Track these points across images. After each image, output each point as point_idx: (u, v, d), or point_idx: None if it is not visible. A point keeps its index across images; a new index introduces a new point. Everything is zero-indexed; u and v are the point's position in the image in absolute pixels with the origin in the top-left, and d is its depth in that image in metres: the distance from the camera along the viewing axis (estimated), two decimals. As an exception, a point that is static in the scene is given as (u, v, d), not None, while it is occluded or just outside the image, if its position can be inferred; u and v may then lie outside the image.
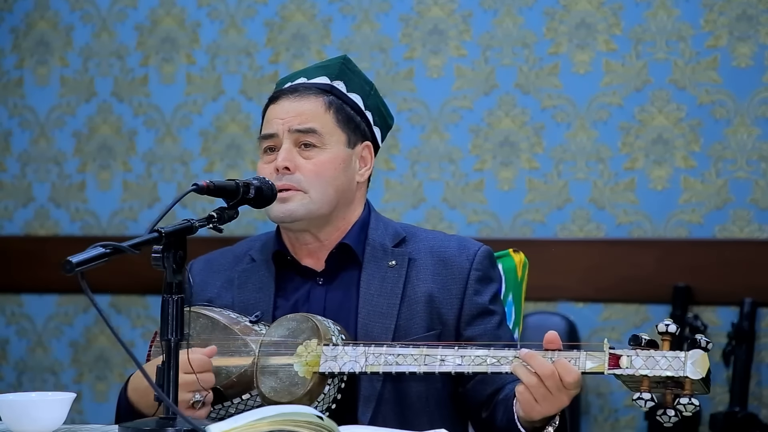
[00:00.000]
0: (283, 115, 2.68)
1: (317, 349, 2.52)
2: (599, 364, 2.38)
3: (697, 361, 2.34)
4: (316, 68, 2.78)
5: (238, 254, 2.80)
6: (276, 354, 2.55)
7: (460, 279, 2.69)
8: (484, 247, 2.74)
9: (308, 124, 2.67)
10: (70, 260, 2.19)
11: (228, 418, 2.27)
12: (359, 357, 2.50)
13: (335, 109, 2.70)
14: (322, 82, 2.72)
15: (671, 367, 2.33)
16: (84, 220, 5.04)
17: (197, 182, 2.43)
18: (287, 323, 2.57)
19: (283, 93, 2.72)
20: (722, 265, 4.39)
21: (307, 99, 2.69)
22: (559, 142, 4.55)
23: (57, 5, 5.06)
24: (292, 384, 2.51)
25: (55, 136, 5.07)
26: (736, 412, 4.26)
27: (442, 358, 2.45)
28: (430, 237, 2.75)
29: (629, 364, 2.35)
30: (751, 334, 4.32)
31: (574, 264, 4.51)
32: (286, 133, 2.66)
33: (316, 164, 2.66)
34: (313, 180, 2.65)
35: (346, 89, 2.73)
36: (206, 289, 2.76)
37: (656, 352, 2.35)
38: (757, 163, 4.39)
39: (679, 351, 2.35)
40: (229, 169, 4.85)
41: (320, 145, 2.67)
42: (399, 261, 2.69)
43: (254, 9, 4.85)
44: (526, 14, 4.58)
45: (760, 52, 4.38)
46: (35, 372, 5.10)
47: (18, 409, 2.41)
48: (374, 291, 2.66)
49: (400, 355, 2.48)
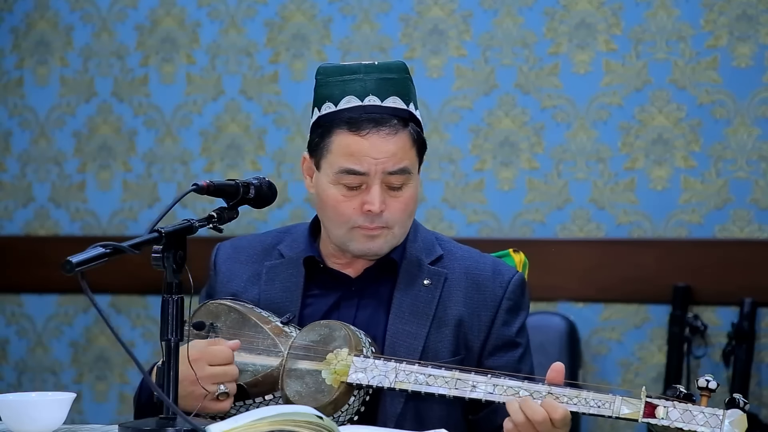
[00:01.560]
0: (376, 155, 2.58)
1: (347, 359, 2.49)
2: (634, 411, 2.35)
3: (736, 421, 2.30)
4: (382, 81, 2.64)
5: (267, 246, 2.76)
6: (305, 358, 2.53)
7: (491, 306, 2.67)
8: (518, 275, 2.72)
9: (401, 165, 2.61)
10: (70, 260, 2.19)
11: (228, 419, 2.27)
12: (389, 372, 2.47)
13: (417, 141, 2.65)
14: (400, 107, 2.63)
15: (708, 423, 2.30)
16: (84, 220, 5.04)
17: (197, 182, 2.43)
18: (320, 329, 2.55)
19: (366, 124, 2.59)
20: (722, 265, 4.39)
21: (397, 136, 2.60)
22: (559, 142, 4.55)
23: (57, 5, 5.06)
24: (318, 391, 2.49)
25: (55, 136, 5.07)
26: (736, 412, 4.26)
27: (474, 384, 2.44)
28: (466, 257, 2.72)
29: (665, 415, 2.32)
30: (751, 334, 4.32)
31: (574, 264, 4.51)
32: (378, 174, 2.59)
33: (403, 202, 2.63)
34: (400, 218, 2.63)
35: (414, 108, 2.68)
36: (232, 280, 2.73)
37: (694, 407, 2.31)
38: (757, 163, 4.39)
39: (718, 408, 2.31)
40: (229, 169, 4.85)
41: (407, 182, 2.64)
42: (434, 281, 2.66)
43: (254, 9, 4.85)
44: (526, 14, 4.58)
45: (760, 52, 4.39)
46: (35, 372, 5.10)
47: (18, 409, 2.41)
48: (406, 309, 2.64)
49: (431, 376, 2.46)
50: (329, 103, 2.64)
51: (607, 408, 2.36)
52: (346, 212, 2.60)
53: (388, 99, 2.63)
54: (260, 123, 4.84)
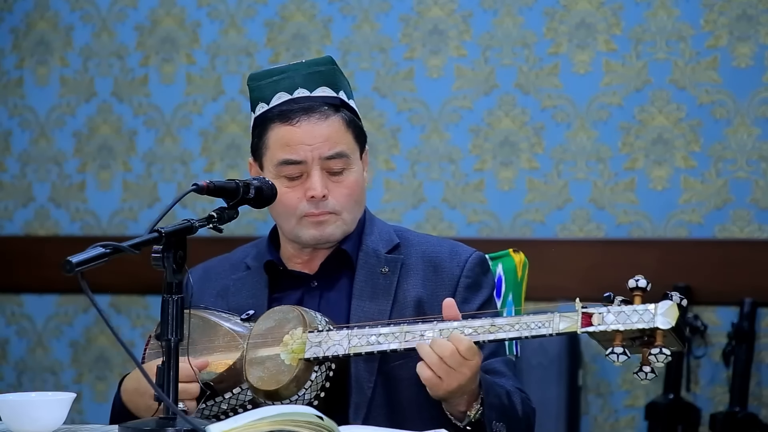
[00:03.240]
0: (310, 141, 2.63)
1: (303, 337, 2.53)
2: (572, 324, 2.39)
3: (667, 311, 2.33)
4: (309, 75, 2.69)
5: (234, 262, 2.80)
6: (263, 345, 2.56)
7: (449, 285, 2.68)
8: (476, 254, 2.73)
9: (337, 149, 2.64)
10: (70, 260, 2.19)
11: (228, 418, 2.27)
12: (342, 340, 2.51)
13: (352, 125, 2.68)
14: (329, 95, 2.67)
15: (642, 319, 2.34)
16: (84, 220, 5.04)
17: (197, 182, 2.43)
18: (273, 315, 2.59)
19: (297, 113, 2.65)
20: (722, 265, 4.39)
21: (328, 120, 2.65)
22: (559, 142, 4.55)
23: (57, 5, 5.06)
24: (279, 372, 2.52)
25: (55, 136, 5.07)
26: (736, 412, 4.26)
27: (422, 333, 2.47)
28: (423, 242, 2.75)
29: (601, 321, 2.37)
30: (751, 334, 4.32)
31: (574, 264, 4.51)
32: (315, 160, 2.63)
33: (347, 187, 2.65)
34: (345, 203, 2.65)
35: (346, 97, 2.71)
36: (202, 297, 2.76)
37: (627, 307, 2.37)
38: (757, 163, 4.39)
39: (650, 304, 2.35)
40: (229, 169, 4.85)
41: (347, 166, 2.66)
42: (391, 268, 2.69)
43: (254, 9, 4.85)
44: (526, 14, 4.58)
45: (760, 52, 4.39)
46: (35, 372, 5.10)
47: (18, 409, 2.41)
48: (366, 297, 2.66)
49: (381, 335, 2.50)
50: (262, 104, 2.70)
51: (546, 327, 2.41)
52: (291, 203, 2.64)
53: (318, 89, 2.68)
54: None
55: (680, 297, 2.35)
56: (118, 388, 2.64)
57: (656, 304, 2.34)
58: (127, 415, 2.57)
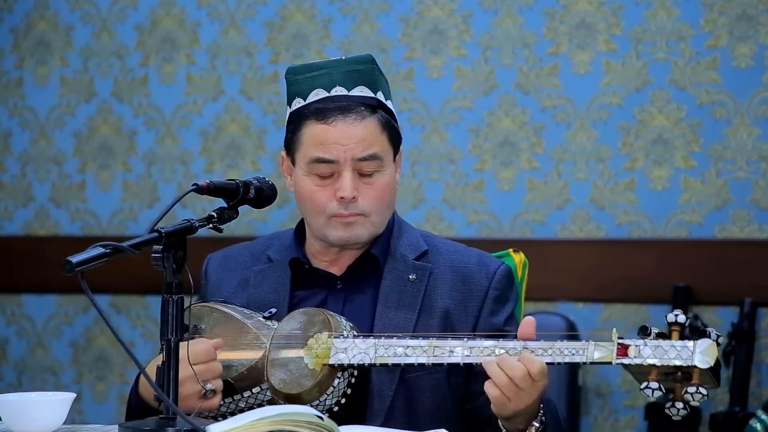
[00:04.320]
0: (344, 142, 2.61)
1: (328, 341, 2.51)
2: (607, 354, 2.36)
3: (706, 350, 2.29)
4: (348, 74, 2.69)
5: (256, 252, 2.78)
6: (287, 347, 2.54)
7: (477, 297, 2.67)
8: (504, 266, 2.73)
9: (371, 151, 2.62)
10: (70, 260, 2.19)
11: (228, 418, 2.27)
12: (369, 349, 2.49)
13: (388, 128, 2.66)
14: (367, 96, 2.66)
15: (680, 356, 2.30)
16: (84, 220, 5.04)
17: (197, 182, 2.43)
18: (299, 316, 2.57)
19: (333, 112, 2.63)
20: (722, 265, 4.39)
21: (364, 122, 2.63)
22: (559, 142, 4.55)
23: (57, 5, 5.06)
24: (302, 376, 2.50)
25: (55, 136, 5.07)
26: (736, 412, 4.26)
27: (451, 350, 2.44)
28: (451, 250, 2.73)
29: (637, 354, 2.33)
30: (751, 334, 4.32)
31: (574, 264, 4.51)
32: (348, 161, 2.61)
33: (377, 189, 2.64)
34: (374, 206, 2.64)
35: (384, 98, 2.69)
36: (221, 287, 2.75)
37: (665, 342, 2.32)
38: (757, 163, 4.39)
39: (688, 341, 2.31)
40: (229, 169, 4.85)
41: (380, 169, 2.64)
42: (419, 275, 2.68)
43: (254, 9, 4.85)
44: (526, 14, 4.58)
45: (760, 52, 4.39)
46: (35, 372, 5.10)
47: (18, 409, 2.41)
48: (392, 304, 2.65)
49: (409, 347, 2.47)
50: (298, 99, 2.68)
51: (581, 354, 2.37)
52: (320, 201, 2.63)
53: (355, 89, 2.66)
54: (260, 123, 4.84)
55: (717, 334, 2.32)
56: (135, 383, 2.62)
57: (695, 341, 2.31)
58: (145, 411, 2.54)
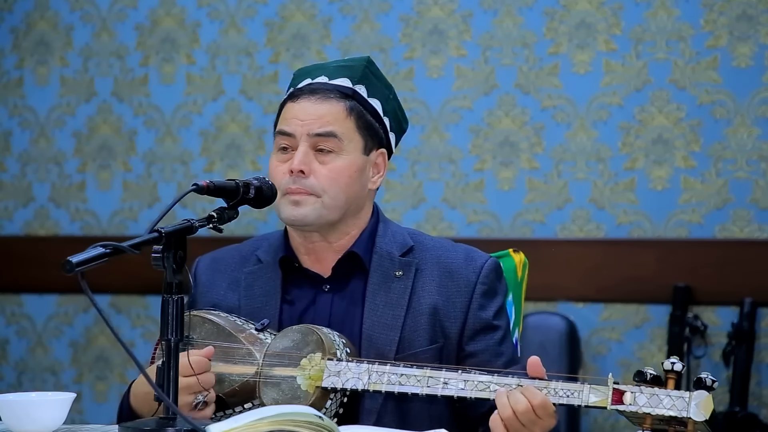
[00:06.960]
0: (303, 117, 2.64)
1: (321, 363, 2.51)
2: (602, 399, 2.37)
3: (702, 403, 2.31)
4: (338, 68, 2.72)
5: (245, 254, 2.78)
6: (279, 365, 2.54)
7: (465, 292, 2.67)
8: (491, 260, 2.72)
9: (327, 128, 2.63)
10: (70, 260, 2.19)
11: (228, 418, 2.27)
12: (362, 374, 2.49)
13: (356, 115, 2.67)
14: (344, 85, 2.68)
15: (675, 407, 2.31)
16: (84, 220, 5.04)
17: (197, 182, 2.43)
18: (292, 335, 2.56)
19: (304, 92, 2.67)
20: (722, 265, 4.39)
21: (328, 102, 2.65)
22: (559, 142, 4.55)
23: (57, 5, 5.06)
24: (294, 397, 2.50)
25: (55, 136, 5.07)
26: (736, 412, 4.26)
27: (446, 381, 2.45)
28: (437, 246, 2.73)
29: (632, 401, 2.35)
30: (751, 334, 4.32)
31: (574, 264, 4.51)
32: (304, 135, 2.63)
33: (331, 170, 2.63)
34: (326, 186, 2.63)
35: (367, 94, 2.70)
36: (212, 290, 2.75)
37: (660, 391, 2.33)
38: (757, 163, 4.39)
39: (684, 391, 2.32)
40: (229, 169, 4.85)
41: (337, 150, 2.64)
42: (405, 271, 2.67)
43: (254, 9, 4.85)
44: (526, 14, 4.58)
45: (760, 52, 4.39)
46: (35, 372, 5.10)
47: (18, 409, 2.41)
48: (380, 302, 2.65)
49: (403, 375, 2.47)
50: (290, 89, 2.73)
51: (576, 397, 2.38)
52: (278, 177, 2.64)
53: (338, 79, 2.69)
54: (260, 123, 4.84)
55: (712, 380, 2.33)
56: (127, 392, 2.63)
57: (691, 393, 2.32)
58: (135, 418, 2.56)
